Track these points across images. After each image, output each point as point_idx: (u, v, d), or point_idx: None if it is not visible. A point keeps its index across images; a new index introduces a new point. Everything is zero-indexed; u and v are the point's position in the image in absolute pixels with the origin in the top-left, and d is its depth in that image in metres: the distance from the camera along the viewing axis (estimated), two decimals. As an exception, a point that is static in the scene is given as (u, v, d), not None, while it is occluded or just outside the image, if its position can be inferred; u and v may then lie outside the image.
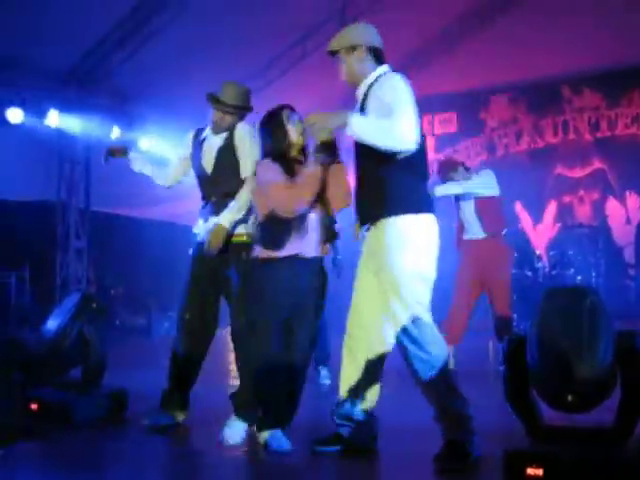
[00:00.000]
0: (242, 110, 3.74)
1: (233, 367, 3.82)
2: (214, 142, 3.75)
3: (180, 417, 3.72)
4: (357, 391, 3.13)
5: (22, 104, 7.80)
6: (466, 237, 5.48)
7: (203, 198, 3.80)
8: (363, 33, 3.17)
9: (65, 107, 8.31)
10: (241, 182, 3.68)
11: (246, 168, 3.64)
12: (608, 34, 8.78)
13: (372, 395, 3.17)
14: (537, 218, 10.65)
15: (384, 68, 3.16)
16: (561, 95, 10.72)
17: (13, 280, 7.76)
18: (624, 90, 10.25)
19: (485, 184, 5.39)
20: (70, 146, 8.81)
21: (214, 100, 3.69)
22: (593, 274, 8.73)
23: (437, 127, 11.61)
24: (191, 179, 3.90)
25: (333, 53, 3.17)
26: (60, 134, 8.54)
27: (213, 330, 3.78)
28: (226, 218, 3.57)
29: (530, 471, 2.35)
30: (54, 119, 8.17)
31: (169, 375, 3.76)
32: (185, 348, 3.73)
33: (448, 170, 5.51)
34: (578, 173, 10.56)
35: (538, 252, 9.57)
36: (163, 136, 9.10)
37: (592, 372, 2.30)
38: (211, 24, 8.01)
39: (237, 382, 3.69)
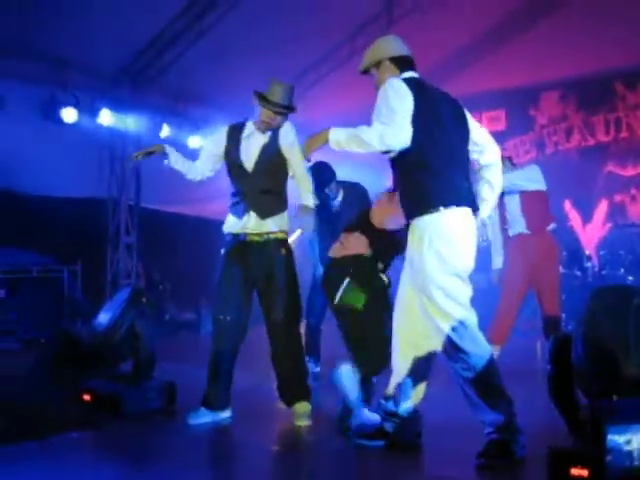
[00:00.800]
0: (291, 110, 3.78)
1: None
2: (258, 140, 3.77)
3: (223, 414, 3.80)
4: (405, 388, 3.16)
5: (76, 104, 7.98)
6: (512, 233, 5.33)
7: (236, 194, 3.82)
8: (384, 47, 3.34)
9: (117, 106, 8.48)
10: (280, 181, 3.77)
11: (298, 166, 3.74)
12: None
13: (418, 392, 3.19)
14: (587, 217, 10.45)
15: (409, 74, 3.29)
16: (614, 91, 10.49)
17: (65, 275, 7.95)
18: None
19: (530, 178, 5.25)
20: (121, 144, 8.99)
21: (265, 100, 3.71)
22: (645, 274, 8.53)
23: (485, 125, 11.42)
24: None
25: (365, 72, 3.37)
26: (112, 132, 8.71)
27: (246, 328, 3.84)
28: (309, 199, 3.69)
29: (574, 471, 2.34)
30: (106, 118, 8.35)
31: (208, 374, 3.83)
32: (221, 347, 3.79)
33: None
34: (630, 171, 10.32)
35: (588, 252, 9.41)
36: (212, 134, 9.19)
37: (638, 372, 2.28)
38: (260, 23, 8.08)
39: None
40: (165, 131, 8.81)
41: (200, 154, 4.02)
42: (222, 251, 3.88)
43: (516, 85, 10.45)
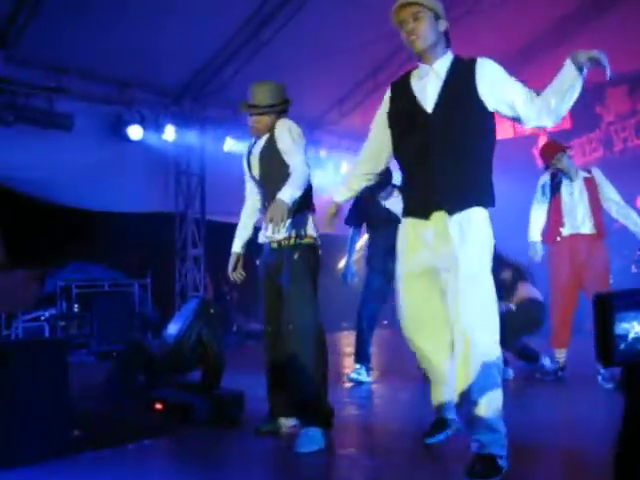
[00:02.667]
0: (277, 107, 3.61)
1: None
2: (258, 146, 3.68)
3: (288, 423, 3.71)
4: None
5: (141, 121, 8.21)
6: (568, 232, 5.10)
7: (261, 205, 3.73)
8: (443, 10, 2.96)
9: (180, 122, 8.68)
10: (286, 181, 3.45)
11: (293, 159, 3.43)
12: None
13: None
14: (661, 214, 10.11)
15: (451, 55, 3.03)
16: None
17: (136, 288, 8.16)
18: None
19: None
20: (186, 158, 9.18)
21: (246, 107, 3.60)
22: None
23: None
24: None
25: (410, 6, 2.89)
26: (177, 147, 8.92)
27: None
28: (286, 193, 3.26)
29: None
30: (171, 134, 8.55)
31: (267, 387, 3.74)
32: (272, 358, 3.69)
33: (557, 151, 5.17)
34: None
35: (660, 250, 9.09)
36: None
37: None
38: (319, 34, 8.15)
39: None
40: (228, 144, 8.96)
41: (247, 196, 3.92)
42: (257, 262, 3.83)
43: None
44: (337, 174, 10.95)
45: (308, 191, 3.58)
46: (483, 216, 2.91)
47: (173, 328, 4.36)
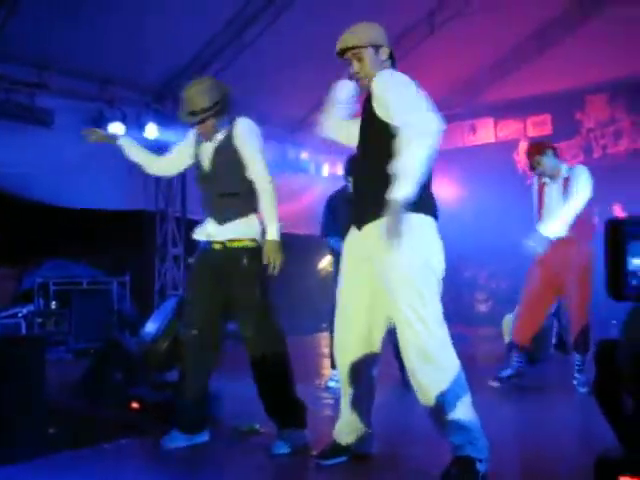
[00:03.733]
0: (217, 106, 3.41)
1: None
2: (211, 143, 3.51)
3: (199, 437, 3.57)
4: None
5: (123, 119, 8.17)
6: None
7: (202, 200, 3.60)
8: (382, 33, 3.08)
9: (162, 120, 8.64)
10: (241, 182, 3.44)
11: (256, 168, 3.40)
12: None
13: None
14: (638, 221, 10.22)
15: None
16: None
17: (115, 286, 8.12)
18: None
19: (588, 187, 4.81)
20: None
21: (187, 116, 3.42)
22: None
23: (530, 130, 11.36)
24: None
25: (347, 51, 3.04)
26: (158, 146, 8.87)
27: (218, 344, 3.59)
28: (273, 231, 3.33)
29: None
30: (152, 132, 8.51)
31: (179, 395, 3.62)
32: (188, 365, 3.54)
33: (536, 153, 5.03)
34: (682, 173, 10.08)
35: (639, 257, 9.20)
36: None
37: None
38: (304, 35, 8.16)
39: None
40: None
41: (171, 150, 3.78)
42: (190, 260, 3.76)
43: (561, 89, 10.31)
44: (319, 176, 10.98)
45: (254, 194, 3.47)
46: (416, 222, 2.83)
47: (151, 326, 4.35)
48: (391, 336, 3.13)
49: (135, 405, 4.12)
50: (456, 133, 11.32)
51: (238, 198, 3.46)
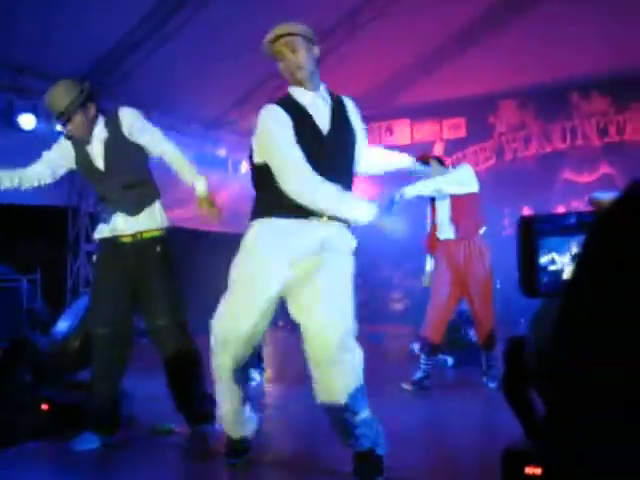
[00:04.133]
0: (79, 98, 3.36)
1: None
2: (96, 139, 3.45)
3: (111, 438, 3.53)
4: None
5: (34, 110, 7.90)
6: (441, 238, 5.11)
7: (101, 199, 3.56)
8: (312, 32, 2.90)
9: (77, 113, 8.40)
10: (140, 171, 3.45)
11: (159, 143, 3.42)
12: (618, 38, 8.80)
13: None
14: (545, 223, 10.64)
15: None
16: (569, 101, 10.74)
17: (24, 284, 7.83)
18: (633, 95, 10.25)
19: (461, 181, 4.94)
20: (81, 151, 8.91)
21: (58, 117, 3.39)
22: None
23: (446, 132, 11.66)
24: None
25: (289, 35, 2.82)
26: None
27: (130, 340, 3.55)
28: (201, 185, 3.36)
29: (529, 470, 2.38)
30: (66, 125, 8.27)
31: (92, 395, 3.57)
32: (100, 363, 3.51)
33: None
34: (586, 178, 10.56)
35: (546, 257, 9.58)
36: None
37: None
38: (224, 31, 8.10)
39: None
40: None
41: (40, 160, 3.66)
42: (94, 258, 3.63)
43: (476, 93, 10.63)
44: (236, 173, 10.91)
45: (153, 181, 3.53)
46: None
47: (63, 325, 4.23)
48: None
49: (45, 407, 3.98)
50: (374, 134, 11.48)
51: (143, 186, 3.48)
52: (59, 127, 3.43)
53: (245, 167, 10.90)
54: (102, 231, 3.52)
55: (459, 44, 10.35)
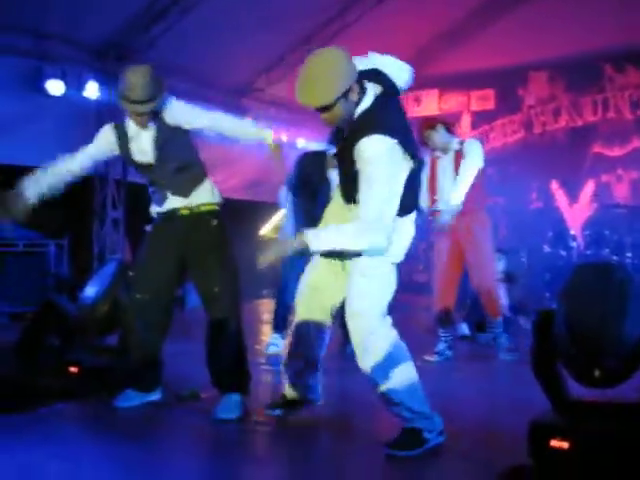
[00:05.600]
0: (157, 101, 3.39)
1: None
2: (146, 134, 3.49)
3: (152, 397, 3.67)
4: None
5: (62, 76, 7.91)
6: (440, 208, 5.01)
7: (151, 184, 3.61)
8: (348, 68, 2.72)
9: (104, 80, 8.40)
10: (188, 154, 3.50)
11: (200, 117, 3.47)
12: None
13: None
14: (573, 197, 10.52)
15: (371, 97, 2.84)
16: (602, 73, 10.52)
17: (52, 249, 7.91)
18: (668, 68, 10.04)
19: (481, 158, 4.97)
20: (109, 118, 8.90)
21: (126, 100, 3.37)
22: (629, 254, 8.62)
23: (474, 104, 11.50)
24: None
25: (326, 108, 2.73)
26: (99, 106, 8.65)
27: (170, 309, 3.65)
28: (268, 134, 3.58)
29: (554, 443, 2.38)
30: (93, 91, 8.27)
31: (132, 356, 3.68)
32: (140, 328, 3.60)
33: (426, 128, 5.04)
34: (617, 152, 10.39)
35: (573, 232, 9.49)
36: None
37: (619, 346, 2.31)
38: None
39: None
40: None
41: (86, 149, 3.73)
42: (147, 228, 3.69)
43: (505, 65, 10.45)
44: (261, 143, 10.86)
45: (200, 159, 3.60)
46: None
47: (90, 290, 4.26)
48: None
49: (73, 370, 4.05)
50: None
51: (193, 167, 3.55)
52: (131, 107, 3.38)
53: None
54: (158, 207, 3.61)
55: (490, 14, 10.17)
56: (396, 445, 2.85)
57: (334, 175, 5.21)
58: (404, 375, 2.87)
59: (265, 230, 11.62)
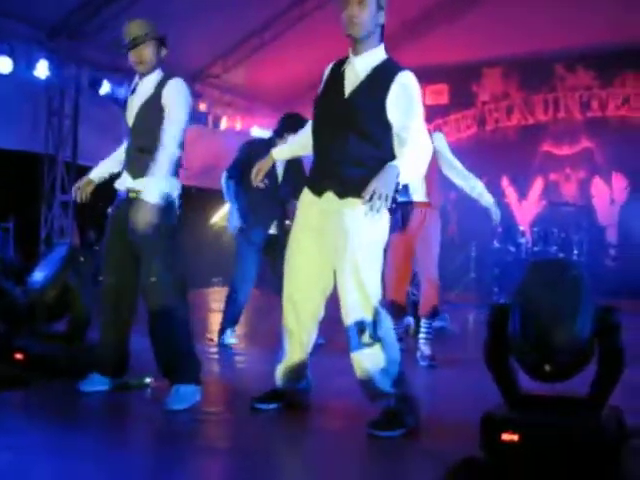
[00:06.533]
0: (153, 34, 3.48)
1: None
2: (142, 91, 3.51)
3: (117, 381, 3.63)
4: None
5: (10, 53, 7.68)
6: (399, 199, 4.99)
7: (126, 154, 3.58)
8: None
9: (55, 59, 8.19)
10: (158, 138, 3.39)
11: (166, 121, 3.37)
12: (606, 13, 8.77)
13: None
14: (523, 194, 10.73)
15: (383, 49, 3.12)
16: (554, 72, 10.73)
17: (-3, 232, 7.72)
18: (617, 70, 10.28)
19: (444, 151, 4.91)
20: (60, 98, 8.71)
21: (129, 42, 3.42)
22: (575, 252, 8.84)
23: (428, 98, 11.57)
24: None
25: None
26: (50, 85, 8.43)
27: (133, 291, 3.57)
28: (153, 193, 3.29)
29: (505, 436, 2.42)
30: (43, 70, 8.06)
31: (100, 340, 3.67)
32: (111, 311, 3.60)
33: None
34: (566, 151, 10.62)
35: (522, 228, 9.67)
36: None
37: (570, 342, 2.36)
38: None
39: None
40: (105, 87, 8.57)
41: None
42: (109, 211, 3.65)
43: (460, 60, 10.56)
44: (216, 129, 10.76)
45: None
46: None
47: (39, 274, 4.16)
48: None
49: (19, 356, 3.95)
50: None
51: (152, 155, 3.41)
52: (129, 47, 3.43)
53: (225, 123, 10.77)
54: (120, 182, 3.59)
55: (446, 10, 10.24)
56: (377, 425, 2.91)
57: (278, 164, 5.23)
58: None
59: (216, 218, 11.57)
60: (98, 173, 3.79)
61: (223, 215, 7.56)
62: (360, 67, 3.03)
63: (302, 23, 9.42)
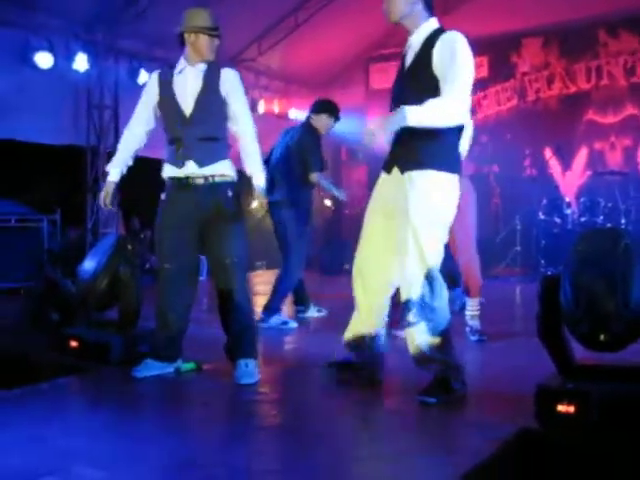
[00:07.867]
0: (214, 24, 3.68)
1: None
2: (194, 79, 3.56)
3: (172, 367, 3.69)
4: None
5: (50, 48, 7.80)
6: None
7: (173, 142, 3.60)
8: None
9: (93, 51, 8.29)
10: (220, 126, 3.57)
11: (243, 121, 3.59)
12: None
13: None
14: (567, 165, 10.51)
15: (435, 21, 3.22)
16: (596, 38, 10.43)
17: (45, 224, 7.86)
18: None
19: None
20: (99, 90, 8.82)
21: (199, 28, 3.61)
22: (623, 221, 8.64)
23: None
24: None
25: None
26: (89, 78, 8.54)
27: (195, 276, 3.69)
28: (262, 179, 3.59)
29: (561, 407, 2.40)
30: (82, 63, 8.17)
31: (156, 326, 3.74)
32: (166, 298, 3.64)
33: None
34: (610, 119, 10.35)
35: (567, 199, 9.49)
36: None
37: (624, 310, 2.32)
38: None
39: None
40: (143, 77, 8.64)
41: (137, 111, 3.77)
42: (162, 196, 3.69)
43: (498, 31, 10.35)
44: (254, 113, 10.76)
45: (226, 138, 3.65)
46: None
47: (89, 264, 4.23)
48: None
49: (73, 344, 4.04)
50: (394, 72, 11.27)
51: (219, 142, 3.58)
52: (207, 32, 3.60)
53: (263, 107, 10.77)
54: (172, 171, 3.61)
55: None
56: (426, 392, 3.01)
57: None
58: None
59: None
60: (115, 173, 3.93)
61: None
62: (415, 43, 3.18)
63: (334, 3, 9.35)
